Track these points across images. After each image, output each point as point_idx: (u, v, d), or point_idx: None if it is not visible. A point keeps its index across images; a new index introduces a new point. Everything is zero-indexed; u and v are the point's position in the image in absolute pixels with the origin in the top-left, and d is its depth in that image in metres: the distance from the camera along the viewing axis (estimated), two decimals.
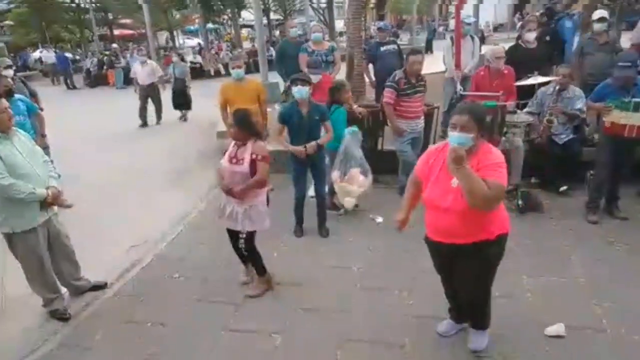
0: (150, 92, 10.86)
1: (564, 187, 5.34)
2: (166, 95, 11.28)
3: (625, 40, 7.42)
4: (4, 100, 3.36)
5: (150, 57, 18.31)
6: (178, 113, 11.40)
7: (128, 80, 19.04)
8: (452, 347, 3.12)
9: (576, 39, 6.73)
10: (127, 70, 17.78)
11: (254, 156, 3.49)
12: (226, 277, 4.11)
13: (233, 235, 3.78)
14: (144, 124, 10.93)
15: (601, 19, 5.83)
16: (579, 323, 3.25)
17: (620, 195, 4.88)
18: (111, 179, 7.17)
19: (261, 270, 3.85)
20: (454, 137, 2.55)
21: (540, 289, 3.68)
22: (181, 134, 9.97)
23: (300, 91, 4.45)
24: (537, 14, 8.75)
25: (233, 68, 5.77)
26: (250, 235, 3.70)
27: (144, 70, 10.79)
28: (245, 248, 3.73)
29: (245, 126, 3.50)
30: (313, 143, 4.56)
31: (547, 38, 6.94)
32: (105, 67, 20.62)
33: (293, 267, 3.89)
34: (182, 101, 11.26)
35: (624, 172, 4.79)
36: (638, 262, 3.96)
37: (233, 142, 3.60)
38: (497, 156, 2.62)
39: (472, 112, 2.60)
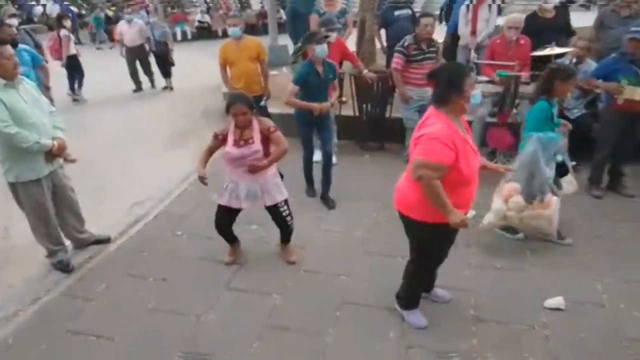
0: (138, 54, 9.86)
1: (573, 163, 5.22)
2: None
3: None
4: (9, 47, 3.30)
5: (157, 14, 18.07)
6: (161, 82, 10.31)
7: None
8: (453, 310, 3.16)
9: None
10: None
11: (265, 132, 3.38)
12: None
13: (231, 215, 3.63)
14: (139, 88, 10.20)
15: None
16: (580, 298, 3.25)
17: (626, 173, 4.83)
18: (115, 136, 7.21)
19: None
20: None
21: (544, 263, 3.68)
22: (185, 95, 9.82)
23: (323, 49, 4.35)
24: None
25: (229, 26, 5.63)
26: (287, 204, 3.65)
27: (131, 29, 9.70)
28: (289, 218, 3.67)
29: (250, 106, 3.34)
30: (327, 103, 4.52)
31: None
32: (111, 23, 20.28)
33: (297, 231, 3.87)
34: (163, 67, 10.13)
35: (628, 149, 4.71)
36: None
37: (233, 126, 3.39)
38: None
39: None
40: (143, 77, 10.24)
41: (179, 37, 18.83)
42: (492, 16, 6.61)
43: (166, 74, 10.16)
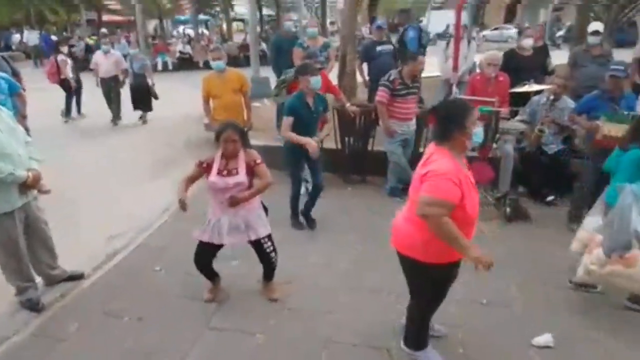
0: (112, 86, 9.68)
1: (551, 197, 5.34)
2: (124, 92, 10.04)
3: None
4: None
5: (139, 45, 18.07)
6: (138, 113, 10.04)
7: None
8: (442, 348, 3.05)
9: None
10: None
11: (252, 163, 3.33)
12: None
13: (212, 251, 3.51)
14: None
15: (595, 32, 5.88)
16: (570, 334, 3.21)
17: None
18: (94, 166, 7.06)
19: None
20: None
21: (529, 298, 3.65)
22: (167, 125, 9.71)
23: (318, 81, 4.44)
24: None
25: (213, 60, 5.63)
26: (271, 239, 3.56)
27: (107, 60, 9.56)
28: (273, 254, 3.56)
29: (241, 134, 3.31)
30: (316, 138, 4.60)
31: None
32: (91, 52, 20.16)
33: (280, 265, 3.76)
34: (142, 101, 9.83)
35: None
36: None
37: (219, 155, 3.32)
38: None
39: None
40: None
41: (160, 67, 18.87)
42: (470, 52, 6.80)
43: (144, 107, 9.89)
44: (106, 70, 9.56)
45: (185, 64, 19.78)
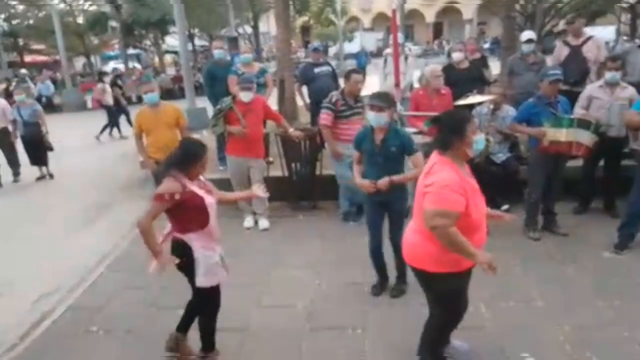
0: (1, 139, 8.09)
1: (506, 206, 5.28)
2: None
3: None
4: None
5: (65, 84, 17.20)
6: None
7: None
8: None
9: None
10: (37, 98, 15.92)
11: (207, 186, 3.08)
12: (155, 327, 3.55)
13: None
14: None
15: (528, 41, 6.03)
16: (544, 350, 3.06)
17: (556, 211, 4.89)
18: (15, 223, 6.30)
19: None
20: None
21: (500, 316, 3.49)
22: (100, 167, 9.07)
23: (376, 119, 3.56)
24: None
25: (145, 93, 5.23)
26: None
27: None
28: None
29: None
30: (385, 179, 3.54)
31: None
32: (12, 96, 18.96)
33: (235, 310, 3.42)
34: (37, 154, 8.35)
35: (556, 189, 4.81)
36: (589, 281, 3.92)
37: (187, 181, 2.87)
38: None
39: None
40: (6, 169, 8.35)
41: (89, 105, 17.99)
42: (408, 69, 6.80)
43: (41, 161, 8.43)
44: None
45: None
